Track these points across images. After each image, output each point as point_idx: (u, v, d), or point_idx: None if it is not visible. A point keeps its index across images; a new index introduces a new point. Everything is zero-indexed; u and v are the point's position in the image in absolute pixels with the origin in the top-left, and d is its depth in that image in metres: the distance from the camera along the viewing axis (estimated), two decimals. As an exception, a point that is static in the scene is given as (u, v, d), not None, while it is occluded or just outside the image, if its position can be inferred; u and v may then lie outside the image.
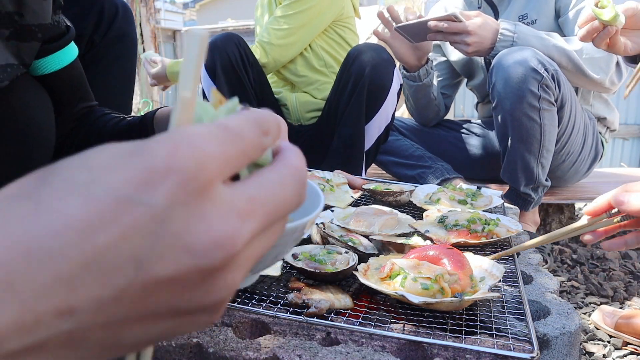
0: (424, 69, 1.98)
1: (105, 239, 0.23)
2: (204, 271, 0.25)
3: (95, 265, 0.23)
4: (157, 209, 0.24)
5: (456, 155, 2.17)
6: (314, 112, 2.06)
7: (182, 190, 0.24)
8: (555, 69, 1.64)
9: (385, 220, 1.07)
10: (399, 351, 0.69)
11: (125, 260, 0.24)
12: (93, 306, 0.24)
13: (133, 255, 0.24)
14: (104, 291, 0.24)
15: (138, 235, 0.24)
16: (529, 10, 1.91)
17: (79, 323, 0.24)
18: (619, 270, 1.71)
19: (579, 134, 1.85)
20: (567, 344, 0.75)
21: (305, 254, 0.86)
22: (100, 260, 0.23)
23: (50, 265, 0.22)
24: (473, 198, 1.33)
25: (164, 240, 0.24)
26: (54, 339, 0.24)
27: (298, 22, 1.95)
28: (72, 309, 0.23)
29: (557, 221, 2.09)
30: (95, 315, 0.24)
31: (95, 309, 0.24)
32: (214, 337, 0.68)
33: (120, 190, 0.23)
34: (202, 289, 0.26)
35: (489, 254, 0.99)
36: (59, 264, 0.23)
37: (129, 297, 0.24)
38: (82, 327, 0.24)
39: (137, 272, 0.24)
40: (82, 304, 0.24)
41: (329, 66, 2.06)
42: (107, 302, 0.24)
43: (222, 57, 1.84)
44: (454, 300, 0.73)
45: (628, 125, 4.41)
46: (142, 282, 0.24)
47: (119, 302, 0.24)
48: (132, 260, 0.24)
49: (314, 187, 0.52)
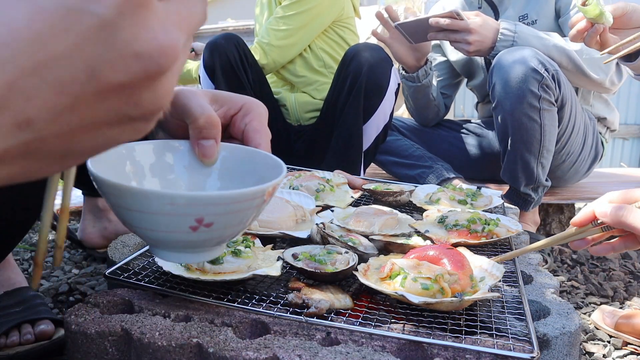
0: (422, 70, 1.98)
1: (58, 47, 0.24)
2: (151, 76, 0.27)
3: (50, 74, 0.24)
4: (107, 19, 0.25)
5: (456, 155, 2.17)
6: (313, 113, 2.06)
7: (128, 2, 0.25)
8: (555, 69, 1.64)
9: (385, 220, 1.07)
10: (399, 351, 0.69)
11: (78, 68, 0.25)
12: (50, 115, 0.25)
13: (86, 63, 0.25)
14: (60, 99, 0.25)
15: (90, 44, 0.24)
16: (529, 11, 1.91)
17: (36, 133, 0.25)
18: (619, 270, 1.71)
19: (579, 134, 1.85)
20: (567, 344, 0.75)
21: (305, 254, 0.86)
22: (54, 69, 0.24)
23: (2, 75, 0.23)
24: (473, 198, 1.33)
25: (115, 48, 0.25)
26: (12, 150, 0.25)
27: (298, 23, 1.95)
28: (30, 119, 0.25)
29: (557, 221, 2.09)
30: (52, 124, 0.25)
31: (52, 118, 0.25)
32: (214, 337, 0.68)
33: (70, 1, 0.24)
34: (147, 94, 0.28)
35: (489, 254, 0.99)
36: (11, 73, 0.23)
37: (82, 105, 0.26)
38: (38, 137, 0.25)
39: (90, 80, 0.25)
40: (39, 114, 0.25)
41: (328, 67, 2.06)
42: (63, 110, 0.25)
43: (222, 58, 1.84)
44: (454, 300, 0.73)
45: (628, 125, 4.41)
46: (95, 89, 0.26)
47: (74, 110, 0.26)
48: (85, 68, 0.25)
49: (275, 159, 0.53)
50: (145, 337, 0.68)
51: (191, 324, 0.72)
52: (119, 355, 0.72)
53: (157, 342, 0.67)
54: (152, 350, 0.68)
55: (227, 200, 0.43)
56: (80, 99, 0.26)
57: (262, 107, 0.62)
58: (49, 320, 1.00)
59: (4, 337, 0.96)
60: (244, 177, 0.55)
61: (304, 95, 2.06)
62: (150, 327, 0.70)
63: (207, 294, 0.79)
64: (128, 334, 0.70)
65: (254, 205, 0.46)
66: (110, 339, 0.71)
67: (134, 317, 0.73)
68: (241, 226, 0.48)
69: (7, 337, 0.96)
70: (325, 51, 2.06)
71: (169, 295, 0.80)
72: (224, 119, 0.60)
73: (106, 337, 0.71)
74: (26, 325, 0.98)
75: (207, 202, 0.43)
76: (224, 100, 0.61)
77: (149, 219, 0.43)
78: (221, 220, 0.44)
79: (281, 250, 0.91)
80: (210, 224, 0.44)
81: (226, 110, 0.61)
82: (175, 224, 0.43)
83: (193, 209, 0.42)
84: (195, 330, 0.70)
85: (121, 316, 0.74)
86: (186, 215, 0.43)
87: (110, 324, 0.72)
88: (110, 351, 0.71)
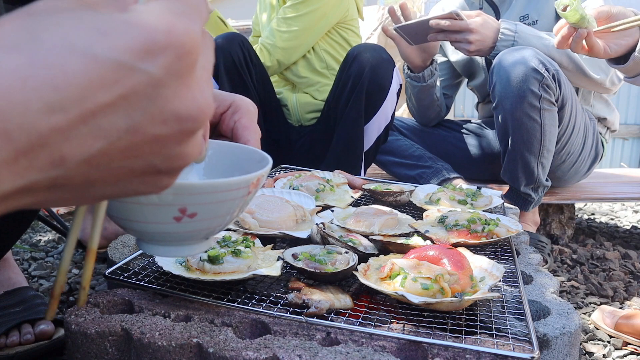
0: (428, 70, 1.98)
1: (106, 98, 0.26)
2: (184, 133, 0.29)
3: (93, 121, 0.26)
4: (154, 77, 0.26)
5: (456, 155, 2.17)
6: (314, 113, 2.06)
7: (177, 64, 0.27)
8: (556, 69, 1.63)
9: (385, 220, 1.07)
10: (399, 351, 0.69)
11: (120, 118, 0.26)
12: (83, 157, 0.27)
13: (128, 115, 0.27)
14: (96, 144, 0.26)
15: (135, 98, 0.26)
16: (530, 11, 1.91)
17: (66, 171, 0.27)
18: (619, 270, 1.71)
19: (579, 134, 1.85)
20: (567, 344, 0.75)
21: (305, 254, 0.86)
22: (98, 117, 0.26)
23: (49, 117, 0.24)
24: (473, 198, 1.33)
25: (156, 104, 0.27)
26: (41, 183, 0.27)
27: (304, 24, 1.94)
28: (64, 158, 0.26)
29: (557, 221, 2.09)
30: (82, 165, 0.27)
31: (84, 160, 0.27)
32: (214, 337, 0.68)
33: (123, 56, 0.26)
34: (176, 150, 0.30)
35: (489, 254, 0.99)
36: (57, 116, 0.25)
37: (115, 152, 0.27)
38: (67, 174, 0.27)
39: (129, 130, 0.27)
40: (74, 155, 0.26)
41: (330, 68, 2.05)
42: (96, 154, 0.27)
43: (226, 58, 1.83)
44: (454, 300, 0.73)
45: (628, 125, 4.41)
46: (132, 139, 0.27)
47: (106, 156, 0.27)
48: (127, 119, 0.27)
49: (261, 154, 0.54)
50: (145, 337, 0.68)
51: (191, 324, 0.72)
52: (119, 355, 0.72)
53: (157, 342, 0.68)
54: (152, 350, 0.68)
55: (210, 189, 0.43)
56: (115, 146, 0.27)
57: (252, 104, 0.62)
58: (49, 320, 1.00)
59: (4, 337, 0.96)
60: (230, 172, 0.55)
61: (305, 95, 2.06)
62: (150, 327, 0.70)
63: (207, 294, 0.79)
64: (128, 334, 0.70)
65: (239, 196, 0.46)
66: (110, 339, 0.71)
67: (134, 317, 0.73)
68: (226, 218, 0.48)
69: (7, 337, 0.96)
70: (328, 52, 2.05)
71: (169, 295, 0.80)
72: (212, 116, 0.60)
73: (106, 337, 0.71)
74: (26, 325, 0.98)
75: (189, 191, 0.43)
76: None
77: (132, 209, 0.43)
78: (205, 210, 0.44)
79: (281, 250, 0.91)
80: (193, 214, 0.44)
81: (215, 107, 0.61)
82: (159, 215, 0.43)
83: (175, 198, 0.42)
84: (195, 330, 0.70)
85: (121, 316, 0.74)
86: (169, 205, 0.43)
87: (110, 324, 0.72)
88: (110, 351, 0.71)
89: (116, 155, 0.28)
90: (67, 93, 0.24)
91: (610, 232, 2.28)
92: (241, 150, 0.57)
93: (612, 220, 2.51)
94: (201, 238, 0.49)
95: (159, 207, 0.43)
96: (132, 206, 0.43)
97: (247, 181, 0.46)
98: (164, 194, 0.41)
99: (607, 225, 2.43)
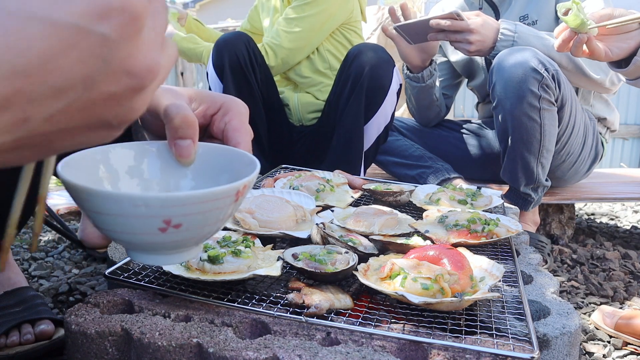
0: (427, 70, 1.98)
1: (65, 60, 0.27)
2: (134, 90, 0.31)
3: (53, 83, 0.28)
4: (109, 39, 0.28)
5: (456, 155, 2.17)
6: (316, 113, 2.06)
7: (129, 26, 0.29)
8: (555, 69, 1.63)
9: (385, 220, 1.07)
10: (399, 351, 0.69)
11: (78, 78, 0.28)
12: (44, 117, 0.29)
13: (85, 74, 0.29)
14: (56, 104, 0.29)
15: (91, 59, 0.28)
16: (530, 11, 1.91)
17: (29, 131, 0.29)
18: (619, 270, 1.71)
19: (579, 134, 1.85)
20: (567, 344, 0.75)
21: (305, 254, 0.86)
22: (58, 79, 0.28)
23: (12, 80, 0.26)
24: (473, 198, 1.33)
25: (111, 64, 0.29)
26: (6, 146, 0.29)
27: (310, 25, 1.93)
28: (28, 119, 0.28)
29: (557, 221, 2.09)
30: (44, 125, 0.29)
31: (46, 119, 0.29)
32: (214, 337, 0.68)
33: (79, 20, 0.27)
34: (126, 105, 0.32)
35: (489, 255, 0.99)
36: (21, 80, 0.26)
37: (74, 110, 0.30)
38: (30, 135, 0.29)
39: (86, 89, 0.29)
40: (36, 115, 0.28)
41: (333, 68, 2.05)
42: (56, 113, 0.29)
43: (231, 57, 1.82)
44: (454, 300, 0.73)
45: (628, 125, 4.41)
46: (88, 97, 0.30)
47: (65, 114, 0.30)
48: (84, 79, 0.29)
49: (250, 157, 0.53)
50: (145, 337, 0.68)
51: (191, 324, 0.72)
52: (119, 355, 0.72)
53: (157, 342, 0.68)
54: (152, 350, 0.68)
55: (193, 200, 0.43)
56: (73, 105, 0.29)
57: (243, 105, 0.61)
58: (49, 320, 1.00)
59: (4, 337, 0.96)
60: (218, 176, 0.54)
61: (307, 95, 2.06)
62: (150, 327, 0.70)
63: (207, 294, 0.79)
64: (128, 334, 0.70)
65: (225, 205, 0.45)
66: (110, 339, 0.71)
67: (134, 317, 0.73)
68: (214, 226, 0.47)
69: (7, 337, 0.96)
70: (331, 53, 2.05)
71: (169, 295, 0.80)
72: (203, 118, 0.60)
73: (106, 337, 0.71)
74: (26, 325, 0.98)
75: (172, 203, 0.42)
76: (202, 98, 0.60)
77: (115, 222, 0.43)
78: (190, 221, 0.44)
79: (281, 250, 0.91)
80: (178, 225, 0.43)
81: (205, 109, 0.60)
82: (143, 226, 0.43)
83: (157, 211, 0.42)
84: (195, 330, 0.70)
85: (121, 316, 0.74)
86: (152, 217, 0.42)
87: (110, 324, 0.72)
88: (110, 351, 0.71)
89: (75, 114, 0.30)
90: (29, 57, 0.26)
91: (610, 232, 2.28)
92: (230, 153, 0.56)
93: (612, 220, 2.51)
94: (191, 245, 0.48)
95: (143, 219, 0.42)
96: (117, 219, 0.42)
97: (233, 189, 0.45)
98: (141, 206, 0.41)
99: (607, 225, 2.43)
